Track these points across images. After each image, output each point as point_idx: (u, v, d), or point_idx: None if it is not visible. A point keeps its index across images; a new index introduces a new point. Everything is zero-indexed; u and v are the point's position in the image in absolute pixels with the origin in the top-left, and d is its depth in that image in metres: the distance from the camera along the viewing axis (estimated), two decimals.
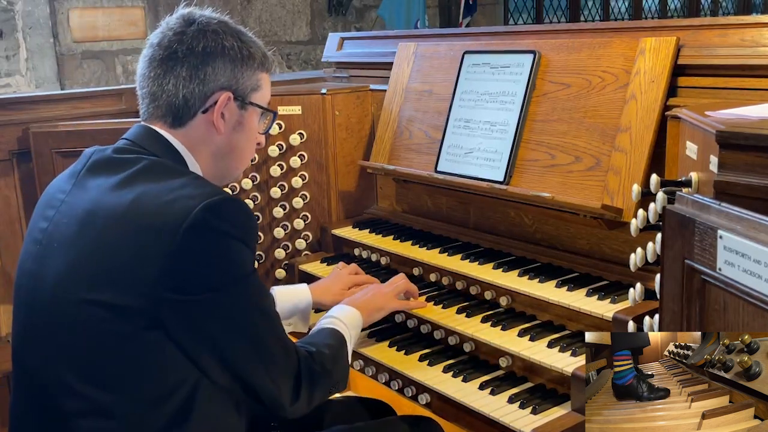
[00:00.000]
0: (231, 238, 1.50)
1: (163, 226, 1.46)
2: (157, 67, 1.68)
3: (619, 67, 2.13)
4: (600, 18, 9.19)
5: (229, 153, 1.76)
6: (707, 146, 1.48)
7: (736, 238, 1.11)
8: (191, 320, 1.48)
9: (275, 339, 1.62)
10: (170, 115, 1.69)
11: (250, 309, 1.56)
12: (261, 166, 2.84)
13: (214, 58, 1.68)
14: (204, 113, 1.70)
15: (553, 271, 2.24)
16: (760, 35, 1.92)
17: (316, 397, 1.72)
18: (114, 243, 1.49)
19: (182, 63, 1.67)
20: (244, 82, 1.73)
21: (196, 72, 1.67)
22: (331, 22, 7.04)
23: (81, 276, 1.51)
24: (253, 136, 1.80)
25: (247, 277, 1.55)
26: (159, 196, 1.50)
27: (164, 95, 1.68)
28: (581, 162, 2.16)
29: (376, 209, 2.95)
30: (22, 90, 5.42)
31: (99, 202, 1.55)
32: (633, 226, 1.73)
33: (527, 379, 2.01)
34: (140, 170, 1.58)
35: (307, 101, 2.81)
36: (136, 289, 1.46)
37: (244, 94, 1.73)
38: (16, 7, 5.40)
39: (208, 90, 1.68)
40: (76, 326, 1.51)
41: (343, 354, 1.86)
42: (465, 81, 2.52)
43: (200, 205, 1.47)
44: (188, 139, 1.70)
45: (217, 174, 1.77)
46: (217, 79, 1.69)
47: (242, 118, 1.75)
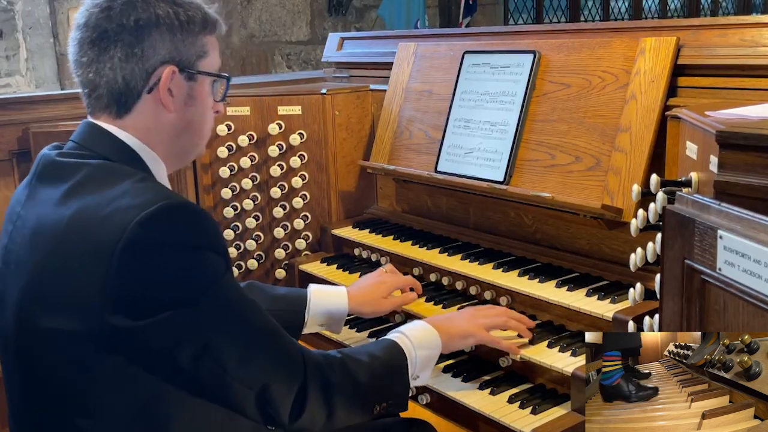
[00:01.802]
0: (176, 250, 1.37)
1: (100, 246, 1.34)
2: (88, 50, 1.51)
3: (619, 67, 2.13)
4: (600, 18, 9.18)
5: (185, 130, 1.60)
6: (707, 146, 1.48)
7: (736, 238, 1.11)
8: (147, 346, 1.37)
9: (262, 347, 1.49)
10: (114, 103, 1.53)
11: (223, 321, 1.42)
12: (261, 166, 2.84)
13: (149, 31, 1.50)
14: (149, 93, 1.53)
15: (553, 271, 2.23)
16: (760, 35, 1.92)
17: (337, 412, 1.57)
18: (58, 265, 1.38)
19: (115, 42, 1.49)
20: (188, 50, 1.55)
21: (131, 50, 1.50)
22: (331, 22, 7.03)
23: (34, 301, 1.41)
24: (208, 106, 1.63)
25: (208, 288, 1.40)
26: (97, 210, 1.38)
27: (103, 81, 1.52)
28: (581, 162, 2.16)
29: (376, 209, 2.95)
30: (22, 90, 5.42)
31: (43, 219, 1.44)
32: (633, 226, 1.73)
33: (527, 379, 2.01)
34: (81, 180, 1.45)
35: (307, 101, 2.81)
36: (84, 315, 1.35)
37: (189, 64, 1.56)
38: (16, 7, 5.39)
39: (149, 67, 1.52)
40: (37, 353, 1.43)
41: (395, 371, 1.69)
42: (465, 81, 2.52)
43: (135, 219, 1.33)
44: (138, 126, 1.55)
45: (178, 154, 1.63)
46: (157, 53, 1.51)
47: (192, 91, 1.58)
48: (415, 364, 1.75)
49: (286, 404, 1.51)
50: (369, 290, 2.16)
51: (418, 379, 1.79)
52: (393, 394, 1.68)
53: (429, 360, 1.80)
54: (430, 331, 1.82)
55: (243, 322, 1.47)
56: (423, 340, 1.79)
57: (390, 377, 1.69)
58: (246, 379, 1.46)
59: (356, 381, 1.60)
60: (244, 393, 1.47)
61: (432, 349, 1.80)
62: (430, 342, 1.80)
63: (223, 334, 1.42)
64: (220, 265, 1.43)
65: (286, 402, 1.51)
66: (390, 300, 2.18)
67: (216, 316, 1.41)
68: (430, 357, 1.80)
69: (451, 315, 1.97)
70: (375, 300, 2.14)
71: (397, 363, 1.72)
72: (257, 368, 1.47)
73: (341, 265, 2.65)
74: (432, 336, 1.82)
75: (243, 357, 1.45)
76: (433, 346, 1.81)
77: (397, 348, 1.74)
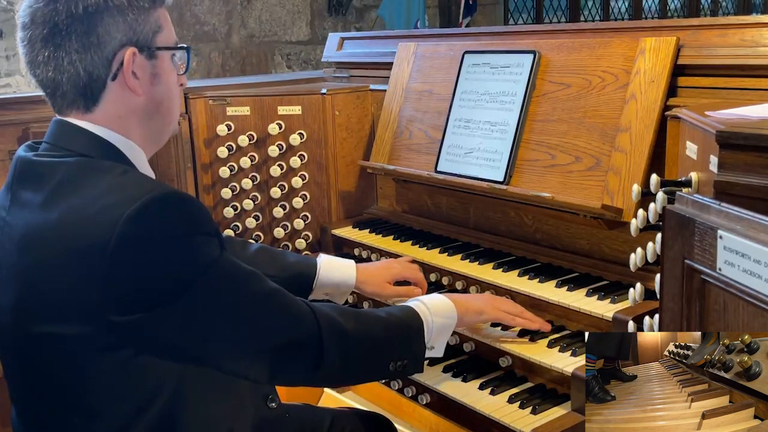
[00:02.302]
0: (168, 240, 1.35)
1: (91, 247, 1.32)
2: (42, 48, 1.46)
3: (619, 67, 2.13)
4: (600, 18, 9.19)
5: (156, 111, 1.56)
6: (707, 146, 1.48)
7: (736, 238, 1.11)
8: (152, 338, 1.37)
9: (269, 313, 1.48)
10: (80, 97, 1.49)
11: (226, 301, 1.42)
12: (261, 166, 2.84)
13: (100, 16, 1.44)
14: (114, 80, 1.49)
15: (552, 271, 2.24)
16: (760, 35, 1.92)
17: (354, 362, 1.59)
18: (50, 271, 1.36)
19: (68, 34, 1.44)
20: (143, 28, 1.50)
21: (87, 38, 1.44)
22: (331, 22, 7.03)
23: (28, 308, 1.40)
24: (173, 81, 1.59)
25: (205, 272, 1.39)
26: (82, 210, 1.36)
27: (64, 78, 1.47)
28: (581, 162, 2.16)
29: (376, 209, 2.95)
30: (22, 90, 5.41)
31: (30, 225, 1.41)
32: (633, 226, 1.73)
33: (527, 379, 2.01)
34: (61, 181, 1.41)
35: (307, 101, 2.81)
36: (82, 317, 1.34)
37: (147, 43, 1.51)
38: (16, 7, 5.39)
39: (108, 53, 1.46)
40: (35, 360, 1.43)
41: (413, 330, 1.69)
42: (465, 81, 2.52)
43: (124, 216, 1.31)
44: (109, 116, 1.51)
45: (153, 137, 1.60)
46: (113, 37, 1.46)
47: (156, 69, 1.54)
48: (431, 330, 1.75)
49: (302, 360, 1.51)
50: (376, 271, 2.19)
51: (434, 350, 1.78)
52: (409, 353, 1.68)
53: (444, 329, 1.80)
54: (446, 301, 1.84)
55: (245, 295, 1.46)
56: (439, 308, 1.80)
57: (407, 334, 1.69)
58: (258, 348, 1.46)
59: (371, 330, 1.61)
60: (259, 363, 1.47)
61: (448, 318, 1.81)
62: (446, 311, 1.81)
63: (227, 312, 1.42)
64: (215, 247, 1.42)
65: (303, 358, 1.51)
66: (393, 287, 2.19)
67: (217, 297, 1.41)
68: (445, 326, 1.80)
69: (470, 296, 2.02)
70: (379, 282, 2.16)
71: (414, 323, 1.72)
72: (267, 335, 1.47)
73: None
74: (448, 306, 1.83)
75: (251, 328, 1.45)
76: (449, 315, 1.81)
77: (413, 311, 1.75)
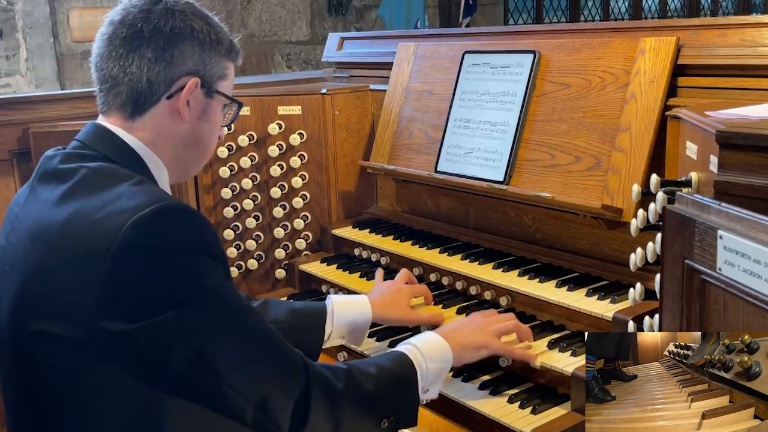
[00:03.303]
0: (170, 253, 1.35)
1: (93, 250, 1.32)
2: (119, 46, 1.53)
3: (619, 67, 2.13)
4: (600, 18, 9.19)
5: (192, 144, 1.62)
6: (707, 146, 1.48)
7: (736, 238, 1.11)
8: (140, 351, 1.35)
9: (260, 353, 1.45)
10: (130, 102, 1.54)
11: (218, 327, 1.39)
12: (261, 166, 2.84)
13: (182, 40, 1.54)
14: (168, 99, 1.55)
15: (553, 271, 2.23)
16: (760, 35, 1.92)
17: (343, 423, 1.54)
18: (51, 269, 1.37)
19: (148, 42, 1.52)
20: (212, 68, 1.59)
21: (162, 53, 1.52)
22: (331, 22, 7.03)
23: (27, 305, 1.41)
24: (217, 127, 1.66)
25: (203, 293, 1.37)
26: (91, 213, 1.37)
27: (126, 78, 1.53)
28: (581, 162, 2.16)
29: (376, 209, 2.95)
30: (22, 90, 5.42)
31: (40, 222, 1.43)
32: (633, 226, 1.73)
33: (527, 379, 2.00)
34: (78, 182, 1.44)
35: (307, 101, 2.81)
36: (76, 320, 1.34)
37: (211, 82, 1.60)
38: (16, 7, 5.39)
39: (175, 74, 1.54)
40: (27, 358, 1.43)
41: (404, 383, 1.65)
42: (465, 81, 2.52)
43: (128, 222, 1.32)
44: (148, 130, 1.56)
45: (180, 166, 1.64)
46: (185, 62, 1.55)
47: (208, 107, 1.61)
48: (426, 378, 1.71)
49: (287, 413, 1.48)
50: (391, 296, 2.10)
51: (428, 392, 1.75)
52: (401, 407, 1.65)
53: (440, 373, 1.76)
54: (441, 343, 1.78)
55: (239, 328, 1.43)
56: (434, 352, 1.75)
57: (399, 388, 1.65)
58: (243, 387, 1.43)
59: (362, 390, 1.57)
60: (242, 402, 1.43)
61: (443, 362, 1.77)
62: (441, 355, 1.76)
63: (217, 340, 1.39)
64: (217, 271, 1.41)
65: (287, 410, 1.48)
66: (417, 313, 2.12)
67: (210, 321, 1.39)
68: (441, 370, 1.76)
69: (461, 324, 1.90)
70: (401, 307, 2.08)
71: (407, 375, 1.68)
72: (255, 375, 1.44)
73: (341, 265, 2.65)
74: (443, 348, 1.78)
75: (239, 364, 1.42)
76: (445, 359, 1.77)
77: (407, 360, 1.70)
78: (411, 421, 1.69)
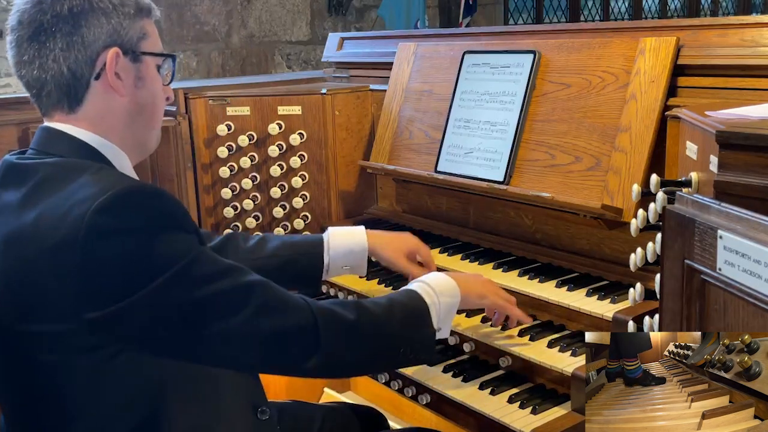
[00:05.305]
0: (137, 232, 1.34)
1: (62, 244, 1.33)
2: (28, 48, 1.49)
3: (619, 67, 2.13)
4: (600, 18, 9.19)
5: (138, 114, 1.58)
6: (707, 146, 1.48)
7: (736, 238, 1.11)
8: (135, 329, 1.36)
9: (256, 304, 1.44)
10: (64, 96, 1.52)
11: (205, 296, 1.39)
12: (261, 166, 2.84)
13: (85, 17, 1.48)
14: (97, 79, 1.51)
15: (553, 271, 2.23)
16: (760, 35, 1.92)
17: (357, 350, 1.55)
18: (28, 269, 1.37)
19: (53, 33, 1.47)
20: (127, 32, 1.53)
21: (71, 38, 1.48)
22: (331, 22, 7.04)
23: (11, 307, 1.41)
24: (159, 88, 1.62)
25: (177, 264, 1.36)
26: (57, 209, 1.36)
27: (48, 77, 1.50)
28: (581, 162, 2.16)
29: (376, 209, 2.95)
30: (22, 90, 5.41)
31: (10, 225, 1.42)
32: (633, 226, 1.73)
33: (527, 379, 2.01)
34: (38, 182, 1.43)
35: (307, 101, 2.81)
36: (60, 315, 1.35)
37: (132, 46, 1.54)
38: None
39: (92, 53, 1.50)
40: (17, 359, 1.44)
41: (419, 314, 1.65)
42: (465, 81, 2.52)
43: (90, 209, 1.32)
44: (92, 117, 1.53)
45: (135, 142, 1.61)
46: (97, 37, 1.49)
47: (140, 72, 1.56)
48: (439, 311, 1.72)
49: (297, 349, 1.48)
50: (391, 237, 2.15)
51: (441, 331, 1.75)
52: (418, 337, 1.65)
53: (450, 308, 1.77)
54: (449, 280, 1.80)
55: (230, 287, 1.42)
56: (444, 287, 1.76)
57: (413, 319, 1.65)
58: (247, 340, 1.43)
59: (376, 318, 1.57)
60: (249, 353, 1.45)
61: (453, 297, 1.78)
62: (450, 290, 1.78)
63: (208, 303, 1.40)
64: (187, 240, 1.40)
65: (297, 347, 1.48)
66: (410, 263, 2.12)
67: (195, 286, 1.38)
68: (451, 305, 1.77)
69: (467, 275, 1.94)
70: (395, 251, 2.10)
71: (420, 307, 1.69)
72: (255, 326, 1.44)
73: None
74: (452, 285, 1.79)
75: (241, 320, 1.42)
76: (455, 294, 1.79)
77: (418, 294, 1.71)
78: (429, 355, 1.69)
